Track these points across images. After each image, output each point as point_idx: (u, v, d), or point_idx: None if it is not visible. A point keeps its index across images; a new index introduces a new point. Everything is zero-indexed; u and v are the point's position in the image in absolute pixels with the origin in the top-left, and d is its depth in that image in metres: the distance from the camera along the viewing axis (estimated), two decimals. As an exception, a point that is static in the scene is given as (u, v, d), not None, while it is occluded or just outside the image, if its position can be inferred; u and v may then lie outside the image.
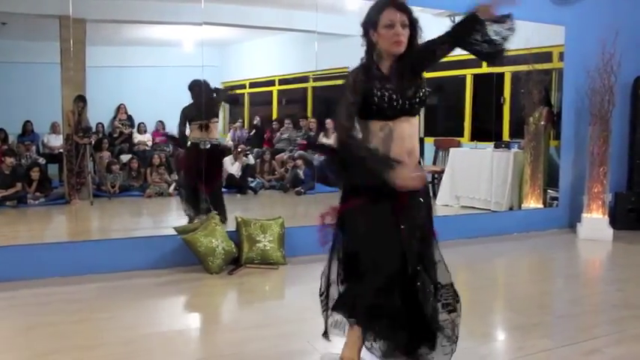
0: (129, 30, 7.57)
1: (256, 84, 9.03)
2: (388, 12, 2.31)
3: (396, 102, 2.33)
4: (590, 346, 3.18)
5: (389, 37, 2.31)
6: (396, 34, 2.29)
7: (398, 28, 2.30)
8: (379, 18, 2.32)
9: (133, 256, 4.69)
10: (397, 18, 2.30)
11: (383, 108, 2.32)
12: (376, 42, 2.36)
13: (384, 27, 2.31)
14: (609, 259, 5.67)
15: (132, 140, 7.97)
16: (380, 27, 2.32)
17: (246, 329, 3.45)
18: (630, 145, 7.00)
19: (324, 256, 2.86)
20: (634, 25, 6.79)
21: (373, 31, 2.35)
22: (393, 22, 2.30)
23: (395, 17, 2.30)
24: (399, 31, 2.30)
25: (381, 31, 2.32)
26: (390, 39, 2.31)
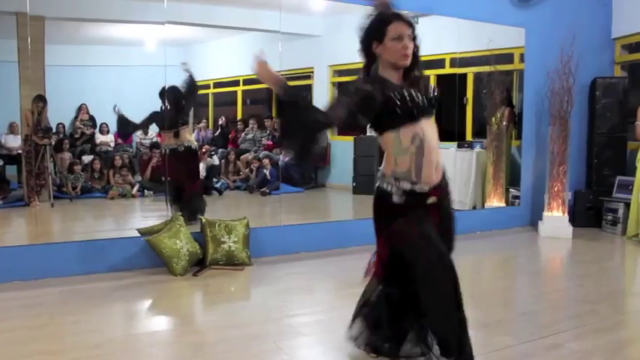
0: (90, 28, 7.44)
1: (220, 84, 8.97)
2: (396, 25, 2.32)
3: (418, 99, 2.32)
4: (551, 342, 3.25)
5: (398, 50, 2.31)
6: (404, 46, 2.30)
7: (406, 41, 2.31)
8: (386, 30, 2.31)
9: (96, 259, 4.61)
10: (405, 31, 2.32)
11: (408, 107, 2.29)
12: (380, 54, 2.35)
13: (392, 39, 2.31)
14: (569, 256, 5.80)
15: (94, 141, 7.84)
16: (387, 39, 2.31)
17: (212, 331, 3.42)
18: (588, 144, 7.17)
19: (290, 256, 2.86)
20: (591, 29, 6.97)
21: (378, 43, 2.34)
22: (402, 35, 2.31)
23: (403, 30, 2.31)
24: (407, 44, 2.31)
25: (388, 44, 2.32)
26: (398, 51, 2.31)
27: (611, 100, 6.91)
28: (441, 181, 2.43)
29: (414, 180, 2.33)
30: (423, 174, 2.32)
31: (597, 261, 5.46)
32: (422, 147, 2.31)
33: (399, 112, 2.29)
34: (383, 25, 2.33)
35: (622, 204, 6.52)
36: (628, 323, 3.76)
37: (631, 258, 5.79)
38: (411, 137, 2.31)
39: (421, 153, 2.31)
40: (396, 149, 2.34)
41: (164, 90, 5.70)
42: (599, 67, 7.14)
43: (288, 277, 4.67)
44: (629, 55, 7.37)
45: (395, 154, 2.34)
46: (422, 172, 2.32)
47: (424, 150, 2.31)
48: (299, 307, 3.89)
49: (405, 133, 2.31)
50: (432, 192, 2.38)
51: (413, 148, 2.31)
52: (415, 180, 2.33)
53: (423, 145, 2.31)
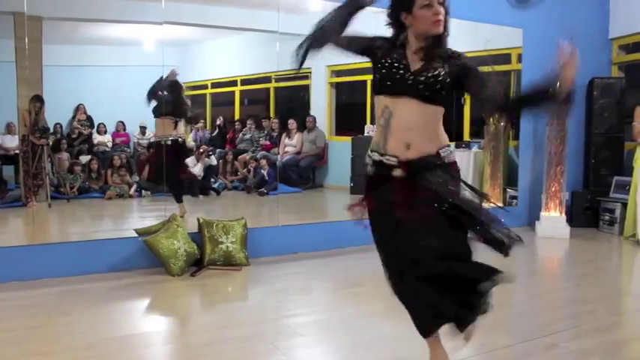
0: (88, 28, 7.44)
1: (218, 84, 8.98)
2: None
3: (399, 70, 2.24)
4: (548, 341, 3.25)
5: (428, 17, 2.20)
6: (435, 12, 2.20)
7: (437, 7, 2.21)
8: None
9: (93, 259, 4.60)
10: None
11: (383, 75, 2.26)
12: (410, 25, 2.26)
13: (422, 7, 2.20)
14: (567, 256, 5.81)
15: (91, 141, 7.84)
16: (416, 8, 2.21)
17: (209, 331, 3.41)
18: (585, 144, 7.18)
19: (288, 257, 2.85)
20: (588, 29, 6.97)
21: (407, 13, 2.24)
22: (432, 1, 2.21)
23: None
24: (438, 9, 2.21)
25: (417, 12, 2.21)
26: (429, 19, 2.20)
27: (608, 100, 6.92)
28: (420, 158, 2.28)
29: (381, 151, 2.30)
30: (388, 146, 2.28)
31: (594, 261, 5.47)
32: (389, 122, 2.26)
33: (378, 78, 2.28)
34: None
35: (619, 204, 6.53)
36: (625, 323, 3.76)
37: (628, 258, 5.80)
38: (381, 108, 2.29)
39: (387, 128, 2.27)
40: (376, 116, 2.35)
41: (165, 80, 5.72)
42: (596, 67, 7.15)
43: (285, 277, 4.67)
44: (626, 55, 7.38)
45: (376, 122, 2.35)
46: (387, 144, 2.28)
47: (390, 126, 2.26)
48: (296, 308, 3.89)
49: (379, 102, 2.30)
50: (401, 166, 2.27)
51: (382, 120, 2.29)
52: (383, 151, 2.30)
53: (390, 121, 2.26)
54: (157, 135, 5.90)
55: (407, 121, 2.25)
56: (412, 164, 2.27)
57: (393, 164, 2.28)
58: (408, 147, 2.26)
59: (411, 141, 2.26)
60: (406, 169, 2.27)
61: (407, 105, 2.24)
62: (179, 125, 5.86)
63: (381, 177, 2.32)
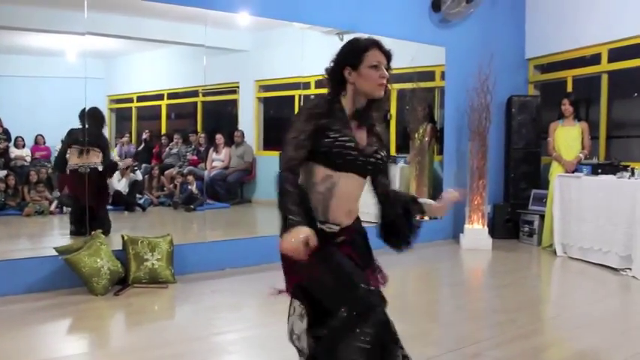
0: (6, 36, 7.12)
1: (144, 98, 8.79)
2: (374, 52, 2.16)
3: (351, 152, 2.13)
4: (473, 350, 3.35)
5: (374, 79, 2.14)
6: (382, 76, 2.15)
7: (383, 71, 2.16)
8: (364, 57, 2.14)
9: (9, 280, 4.37)
10: (383, 60, 2.18)
11: (333, 153, 2.10)
12: (353, 82, 2.16)
13: (369, 67, 2.14)
14: (489, 267, 6.01)
15: (8, 155, 7.47)
16: (363, 67, 2.14)
17: (135, 352, 3.31)
18: (505, 159, 7.48)
19: (216, 273, 2.79)
20: (506, 49, 7.31)
21: (351, 69, 2.15)
22: (380, 63, 2.16)
23: (381, 59, 2.17)
24: (384, 73, 2.16)
25: (363, 71, 2.14)
26: (375, 80, 2.14)
27: (525, 117, 7.26)
28: (354, 223, 2.25)
29: (321, 219, 2.14)
30: (330, 216, 2.15)
31: (515, 271, 5.68)
32: (331, 191, 2.14)
33: (323, 151, 2.11)
34: (360, 51, 2.16)
35: (537, 216, 6.83)
36: (544, 330, 3.93)
37: (546, 267, 6.06)
38: (321, 177, 2.14)
39: (330, 196, 2.14)
40: (307, 180, 2.16)
41: (89, 110, 5.55)
42: (514, 85, 7.50)
43: (214, 294, 4.60)
44: (541, 74, 7.78)
45: (305, 185, 2.15)
46: (329, 213, 2.15)
47: (333, 195, 2.14)
48: (226, 325, 3.83)
49: (320, 169, 2.14)
50: (342, 232, 2.19)
51: (322, 187, 2.14)
52: (322, 219, 2.15)
53: (333, 190, 2.14)
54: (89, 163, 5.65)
55: (351, 191, 2.20)
56: (354, 230, 2.26)
57: (335, 232, 2.18)
58: (349, 214, 2.22)
59: (352, 208, 2.22)
60: (347, 234, 2.22)
61: (349, 177, 2.17)
62: None
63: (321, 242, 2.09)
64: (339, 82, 2.19)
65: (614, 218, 5.54)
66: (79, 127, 5.62)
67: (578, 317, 4.12)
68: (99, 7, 5.27)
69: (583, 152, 6.42)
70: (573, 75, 7.24)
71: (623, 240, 5.41)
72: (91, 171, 5.52)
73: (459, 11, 6.84)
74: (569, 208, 6.13)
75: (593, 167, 6.15)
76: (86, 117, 5.55)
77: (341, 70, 2.17)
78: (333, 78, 2.20)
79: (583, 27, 6.88)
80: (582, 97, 7.25)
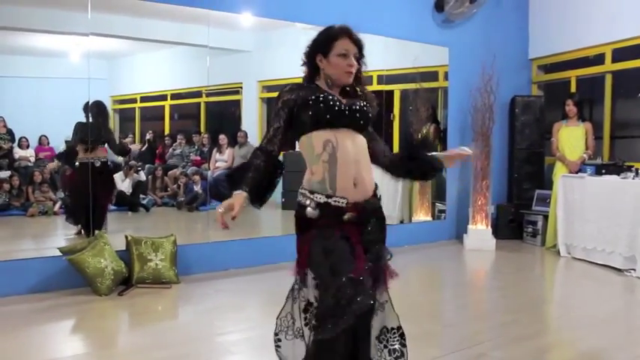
0: (9, 37, 7.13)
1: (148, 98, 8.79)
2: (343, 41, 2.25)
3: (334, 104, 2.21)
4: (476, 351, 3.34)
5: (342, 67, 2.25)
6: (349, 64, 2.25)
7: (351, 59, 2.25)
8: (333, 45, 2.24)
9: (13, 280, 4.39)
10: (352, 48, 2.26)
11: (320, 111, 2.18)
12: (323, 68, 2.28)
13: (338, 55, 2.24)
14: (493, 267, 6.00)
15: (12, 156, 7.49)
16: (332, 55, 2.24)
17: (138, 353, 3.31)
18: (509, 159, 7.47)
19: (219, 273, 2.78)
20: (510, 49, 7.31)
21: (322, 57, 2.26)
22: (348, 52, 2.25)
23: (350, 47, 2.25)
24: (352, 61, 2.25)
25: (332, 59, 2.25)
26: (342, 68, 2.25)
27: (529, 117, 7.25)
28: (367, 201, 2.27)
29: (328, 192, 2.18)
30: (337, 185, 2.18)
31: (518, 271, 5.67)
32: (334, 156, 2.18)
33: (310, 114, 2.19)
34: (330, 39, 2.26)
35: (541, 216, 6.82)
36: (547, 330, 3.92)
37: (550, 268, 6.05)
38: (322, 143, 2.20)
39: (334, 162, 2.18)
40: (309, 155, 2.24)
41: (89, 104, 5.53)
42: (517, 85, 7.48)
43: (216, 294, 4.60)
44: (544, 75, 7.76)
45: (309, 162, 2.25)
46: (336, 183, 2.18)
47: (337, 160, 2.18)
48: (228, 325, 3.84)
49: (318, 137, 2.20)
50: (351, 208, 2.20)
51: (325, 155, 2.18)
52: (330, 192, 2.18)
53: (336, 154, 2.18)
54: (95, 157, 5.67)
55: (352, 152, 2.22)
56: (362, 207, 2.24)
57: (342, 206, 2.19)
58: (355, 184, 2.22)
59: (357, 175, 2.22)
60: (356, 212, 2.22)
61: (347, 135, 2.23)
62: None
63: (328, 222, 2.19)
64: (313, 67, 2.31)
65: (618, 219, 5.53)
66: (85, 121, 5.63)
67: (582, 318, 4.11)
68: (102, 7, 5.28)
69: (587, 152, 6.41)
70: (577, 75, 7.23)
71: (627, 240, 5.40)
72: (101, 165, 5.54)
73: (462, 11, 6.83)
74: (573, 208, 6.11)
75: (597, 167, 6.14)
76: (90, 110, 5.56)
77: (314, 56, 2.29)
78: (308, 64, 2.32)
79: (587, 27, 6.87)
80: (586, 98, 7.23)
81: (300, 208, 2.24)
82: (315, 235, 2.19)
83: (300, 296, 2.35)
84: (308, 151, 2.24)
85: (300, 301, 2.36)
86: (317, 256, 2.17)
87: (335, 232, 2.18)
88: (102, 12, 5.43)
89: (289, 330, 2.38)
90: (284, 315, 2.40)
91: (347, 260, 2.14)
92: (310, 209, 2.20)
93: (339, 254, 2.15)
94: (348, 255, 2.16)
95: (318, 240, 2.18)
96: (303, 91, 2.25)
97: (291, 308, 2.38)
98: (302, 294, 2.35)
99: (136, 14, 6.23)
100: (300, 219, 2.27)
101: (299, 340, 2.37)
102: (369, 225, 2.29)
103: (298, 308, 2.37)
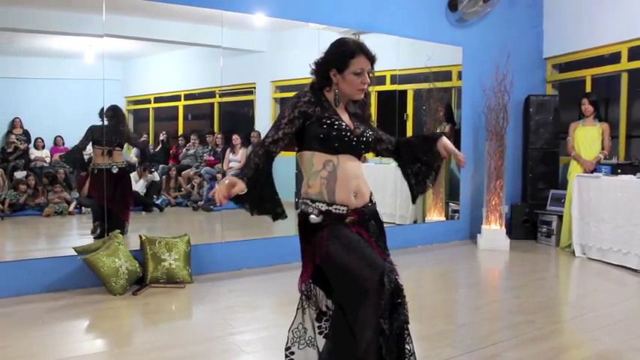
0: (25, 39, 7.20)
1: (161, 99, 8.84)
2: (360, 59, 2.26)
3: (346, 134, 2.26)
4: (490, 352, 3.33)
5: (356, 85, 2.28)
6: (363, 82, 2.28)
7: (366, 77, 2.28)
8: (349, 63, 2.26)
9: (29, 279, 4.43)
10: (367, 67, 2.28)
11: (331, 137, 2.24)
12: (336, 83, 2.30)
13: (353, 74, 2.26)
14: (506, 267, 5.96)
15: (28, 156, 7.57)
16: (348, 72, 2.26)
17: (152, 352, 3.33)
18: (523, 159, 7.43)
19: (232, 273, 2.78)
20: (523, 48, 7.26)
21: (337, 72, 2.28)
22: (364, 70, 2.27)
23: (366, 66, 2.27)
24: (366, 79, 2.28)
25: (347, 77, 2.27)
26: (356, 86, 2.28)
27: (543, 116, 7.20)
28: (365, 206, 2.35)
29: (328, 201, 2.26)
30: (336, 196, 2.26)
31: (533, 272, 5.63)
32: (334, 174, 2.26)
33: (321, 137, 2.25)
34: (347, 56, 2.26)
35: (555, 216, 6.77)
36: (562, 331, 3.89)
37: (564, 268, 6.00)
38: (323, 162, 2.27)
39: (333, 178, 2.26)
40: (307, 170, 2.30)
41: (108, 107, 5.59)
42: (532, 85, 7.43)
43: (230, 294, 4.61)
44: (559, 74, 7.70)
45: (307, 175, 2.30)
46: (335, 195, 2.26)
47: (337, 177, 2.26)
48: (241, 325, 3.85)
49: (319, 157, 2.27)
50: (351, 213, 2.29)
51: (324, 173, 2.27)
52: (329, 201, 2.26)
53: (336, 172, 2.26)
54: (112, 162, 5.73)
55: (351, 171, 2.30)
56: (361, 211, 2.32)
57: (343, 213, 2.28)
58: (355, 195, 2.30)
59: (357, 189, 2.31)
60: (357, 215, 2.30)
61: (347, 158, 2.31)
62: None
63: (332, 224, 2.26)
64: (324, 78, 2.32)
65: (634, 219, 5.47)
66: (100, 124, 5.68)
67: (598, 319, 4.07)
68: (117, 9, 5.32)
69: (602, 152, 6.35)
70: (592, 74, 7.17)
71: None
72: (119, 171, 5.58)
73: (475, 10, 6.80)
74: (588, 208, 6.06)
75: (612, 167, 6.09)
76: (106, 114, 5.61)
77: (327, 70, 2.31)
78: (320, 74, 2.33)
79: (602, 25, 6.80)
80: (601, 97, 7.17)
81: (304, 216, 2.30)
82: (328, 233, 2.23)
83: (310, 306, 2.41)
84: (307, 165, 2.31)
85: (310, 309, 2.41)
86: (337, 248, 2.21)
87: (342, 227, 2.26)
88: (116, 13, 5.47)
89: (301, 340, 2.42)
90: (295, 327, 2.43)
91: (365, 245, 2.24)
92: (313, 216, 2.26)
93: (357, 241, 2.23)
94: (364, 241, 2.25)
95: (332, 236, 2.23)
96: (319, 108, 2.28)
97: (302, 319, 2.42)
98: (311, 303, 2.40)
99: (150, 15, 6.27)
100: (304, 226, 2.32)
101: (311, 349, 2.42)
102: (369, 227, 2.35)
103: (310, 318, 2.42)
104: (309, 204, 2.29)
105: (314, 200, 2.28)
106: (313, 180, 2.28)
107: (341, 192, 2.27)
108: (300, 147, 2.33)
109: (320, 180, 2.27)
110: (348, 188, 2.28)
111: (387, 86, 6.98)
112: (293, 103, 2.28)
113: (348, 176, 2.28)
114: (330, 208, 2.26)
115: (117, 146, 5.67)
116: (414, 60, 6.95)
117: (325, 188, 2.26)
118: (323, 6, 5.91)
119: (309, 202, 2.29)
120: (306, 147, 2.30)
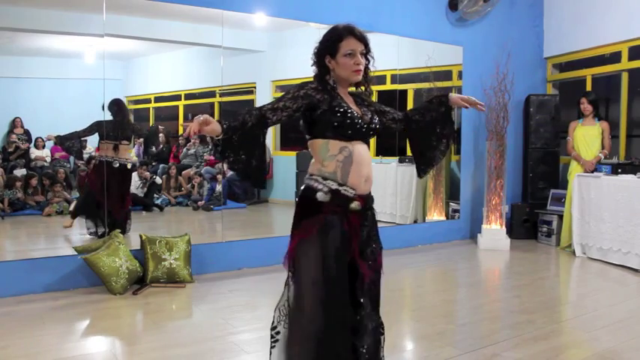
0: (26, 39, 7.21)
1: (162, 98, 8.84)
2: (349, 41, 2.31)
3: (357, 122, 2.31)
4: (491, 352, 3.33)
5: (349, 66, 2.31)
6: (356, 63, 2.31)
7: (358, 57, 2.31)
8: (339, 46, 2.31)
9: (29, 279, 4.44)
10: (358, 46, 2.32)
11: (345, 125, 2.28)
12: (333, 69, 2.35)
13: (345, 55, 2.31)
14: (507, 267, 5.96)
15: (28, 156, 7.57)
16: (339, 56, 2.31)
17: (153, 351, 3.34)
18: (524, 159, 7.43)
19: (233, 273, 2.77)
20: (524, 48, 7.27)
21: (330, 58, 2.34)
22: (354, 51, 2.31)
23: (356, 46, 2.31)
24: (359, 59, 2.32)
25: (340, 60, 2.32)
26: (350, 67, 2.32)
27: (544, 116, 7.20)
28: (369, 195, 2.42)
29: (340, 181, 2.30)
30: (349, 179, 2.30)
31: (533, 272, 5.63)
32: (350, 158, 2.31)
33: (335, 125, 2.28)
34: (336, 40, 2.32)
35: (555, 216, 6.77)
36: (562, 331, 3.89)
37: (564, 268, 6.00)
38: (339, 148, 2.31)
39: (349, 162, 2.30)
40: (322, 155, 2.33)
41: (112, 101, 5.62)
42: (532, 84, 7.44)
43: (230, 293, 4.62)
44: (559, 73, 7.71)
45: (322, 158, 2.33)
46: (348, 177, 2.30)
47: (352, 161, 2.31)
48: (242, 324, 3.85)
49: (334, 144, 2.31)
50: (357, 198, 2.33)
51: (341, 157, 2.31)
52: (341, 182, 2.30)
53: (352, 156, 2.31)
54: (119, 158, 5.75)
55: (364, 155, 2.35)
56: (366, 199, 2.37)
57: (351, 196, 2.30)
58: (366, 181, 2.35)
59: (367, 176, 2.36)
60: (362, 202, 2.34)
61: (359, 144, 2.36)
62: None
63: (336, 206, 2.29)
64: (322, 66, 2.37)
65: (634, 218, 5.48)
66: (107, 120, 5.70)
67: (598, 319, 4.07)
68: (117, 9, 5.33)
69: (602, 152, 6.35)
70: (592, 74, 7.17)
71: (643, 240, 5.34)
72: (120, 166, 5.59)
73: (476, 10, 6.80)
74: (589, 208, 6.07)
75: (612, 167, 6.09)
76: (110, 109, 5.63)
77: (322, 58, 2.36)
78: (318, 63, 2.39)
79: (602, 25, 6.80)
80: (602, 96, 7.17)
81: (310, 192, 2.31)
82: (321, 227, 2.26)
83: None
84: (321, 151, 2.33)
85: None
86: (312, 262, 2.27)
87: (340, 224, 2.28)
88: (117, 13, 5.48)
89: (287, 318, 2.43)
90: (282, 304, 2.46)
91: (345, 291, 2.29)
92: (322, 193, 2.29)
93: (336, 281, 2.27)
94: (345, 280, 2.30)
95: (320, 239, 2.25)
96: (328, 96, 2.31)
97: (287, 296, 2.43)
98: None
99: (151, 15, 6.27)
100: (308, 202, 2.33)
101: None
102: (367, 216, 2.40)
103: None
104: (319, 180, 2.31)
105: (326, 178, 2.30)
106: (329, 162, 2.31)
107: (354, 176, 2.31)
108: (311, 135, 2.36)
109: (336, 162, 2.30)
110: (361, 173, 2.33)
111: (388, 86, 6.99)
112: (300, 84, 2.32)
113: (363, 161, 2.33)
114: (339, 188, 2.29)
115: (123, 139, 5.69)
116: (415, 59, 6.96)
117: (340, 170, 2.30)
118: (323, 6, 5.91)
119: (320, 178, 2.31)
120: (319, 135, 2.33)
